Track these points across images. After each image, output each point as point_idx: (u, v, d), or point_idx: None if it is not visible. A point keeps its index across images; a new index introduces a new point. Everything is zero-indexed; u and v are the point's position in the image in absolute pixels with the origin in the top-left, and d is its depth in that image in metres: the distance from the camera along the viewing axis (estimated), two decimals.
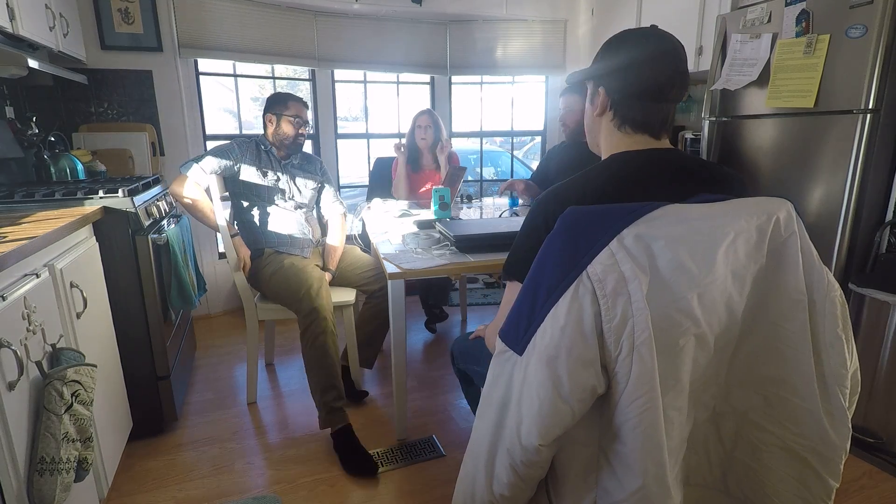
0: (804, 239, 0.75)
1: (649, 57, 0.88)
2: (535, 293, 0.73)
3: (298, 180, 2.18)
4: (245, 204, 2.10)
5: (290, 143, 2.11)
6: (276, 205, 2.11)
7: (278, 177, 2.11)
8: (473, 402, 1.56)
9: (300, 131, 2.11)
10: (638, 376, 0.67)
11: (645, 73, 0.89)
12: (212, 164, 1.97)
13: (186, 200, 1.95)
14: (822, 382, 0.75)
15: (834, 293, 0.75)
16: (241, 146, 2.07)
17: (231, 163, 2.01)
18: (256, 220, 2.10)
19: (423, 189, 2.81)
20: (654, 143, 0.93)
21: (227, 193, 2.12)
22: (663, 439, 0.69)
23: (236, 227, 2.13)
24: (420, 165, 2.83)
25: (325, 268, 2.18)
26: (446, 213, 2.27)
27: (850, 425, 0.76)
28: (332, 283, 2.16)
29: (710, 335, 0.73)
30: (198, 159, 1.97)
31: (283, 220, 2.12)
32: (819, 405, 0.75)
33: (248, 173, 2.05)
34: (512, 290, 0.94)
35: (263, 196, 2.09)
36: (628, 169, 0.90)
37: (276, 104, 2.09)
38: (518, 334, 0.75)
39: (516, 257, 0.94)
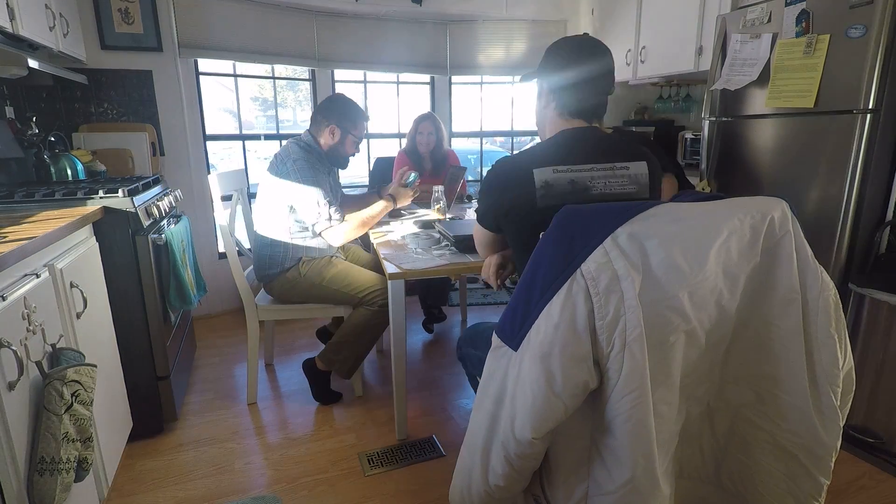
0: (799, 238, 0.76)
1: (587, 78, 1.15)
2: (530, 291, 0.74)
3: (334, 184, 2.16)
4: (299, 216, 1.98)
5: (342, 160, 2.07)
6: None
7: (330, 184, 2.05)
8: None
9: (355, 152, 2.08)
10: (629, 372, 0.68)
11: (582, 91, 1.16)
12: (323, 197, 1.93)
13: (353, 236, 2.02)
14: (814, 381, 0.76)
15: (828, 292, 0.75)
16: (315, 164, 1.95)
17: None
18: (305, 229, 2.00)
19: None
20: (585, 125, 1.18)
21: (229, 194, 2.12)
22: (653, 433, 0.70)
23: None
24: (421, 169, 2.84)
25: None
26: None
27: (841, 424, 0.77)
28: (329, 299, 2.06)
29: (701, 331, 0.73)
30: (324, 206, 1.92)
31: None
32: (809, 403, 0.76)
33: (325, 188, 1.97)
34: (481, 232, 1.31)
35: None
36: (567, 141, 1.16)
37: (346, 119, 1.98)
38: (513, 331, 0.77)
39: (479, 203, 1.26)
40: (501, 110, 3.95)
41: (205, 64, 3.00)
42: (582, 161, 1.10)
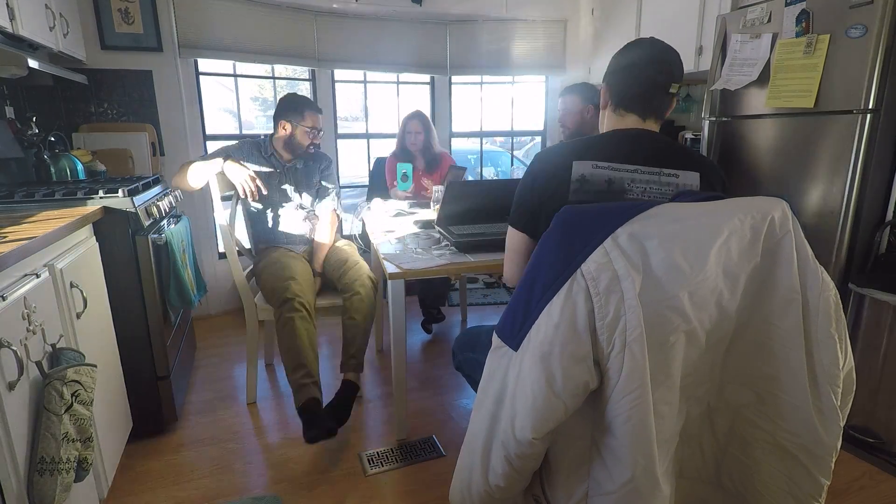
0: (799, 238, 0.76)
1: (638, 61, 1.11)
2: (531, 290, 0.75)
3: (301, 183, 2.19)
4: (251, 203, 2.13)
5: (302, 152, 2.13)
6: (279, 205, 2.15)
7: (280, 179, 2.13)
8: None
9: (314, 141, 2.10)
10: (629, 372, 0.68)
11: (630, 76, 1.11)
12: (217, 153, 2.05)
13: (180, 180, 2.01)
14: (814, 381, 0.76)
15: (828, 292, 0.75)
16: (244, 147, 2.11)
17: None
18: (260, 218, 2.15)
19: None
20: (640, 123, 1.12)
21: (229, 193, 2.13)
22: (653, 433, 0.70)
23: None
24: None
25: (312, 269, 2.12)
26: (406, 185, 2.46)
27: (841, 424, 0.77)
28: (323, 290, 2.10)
29: (701, 331, 0.74)
30: (202, 158, 2.03)
31: (284, 218, 2.16)
32: (810, 403, 0.76)
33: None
34: (509, 232, 1.17)
35: (265, 197, 2.10)
36: (613, 138, 1.12)
37: (292, 112, 2.06)
38: (513, 330, 0.77)
39: (518, 207, 1.14)
40: (501, 110, 3.96)
41: (205, 64, 3.00)
42: (625, 159, 1.03)
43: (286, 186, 2.14)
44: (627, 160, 1.04)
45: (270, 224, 2.16)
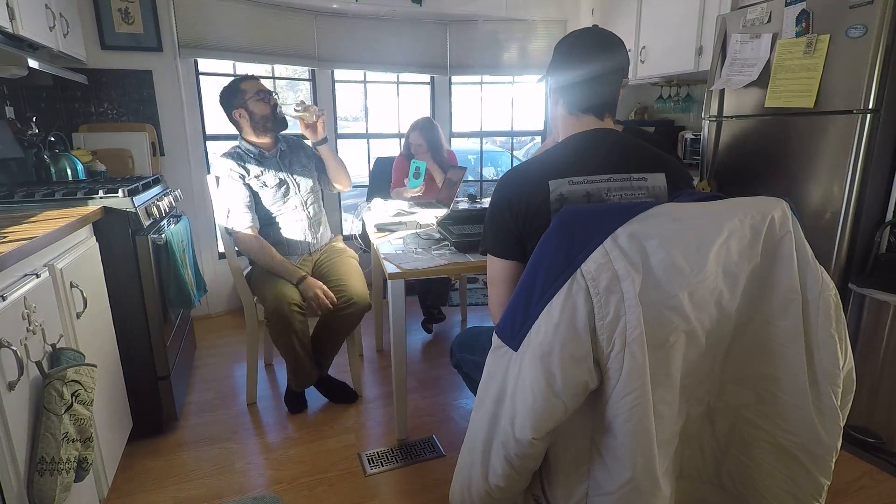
0: (799, 238, 0.76)
1: (597, 74, 1.08)
2: (531, 291, 0.75)
3: (296, 170, 2.10)
4: (262, 213, 2.06)
5: (272, 120, 2.01)
6: (282, 206, 2.06)
7: (276, 176, 2.04)
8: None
9: (272, 103, 2.00)
10: (629, 372, 0.68)
11: (589, 87, 1.09)
12: (242, 207, 1.98)
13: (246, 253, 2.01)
14: (814, 381, 0.76)
15: (828, 292, 0.75)
16: (236, 168, 2.01)
17: (247, 190, 2.00)
18: (265, 223, 2.07)
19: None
20: (598, 123, 1.10)
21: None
22: (653, 433, 0.70)
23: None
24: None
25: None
26: (417, 183, 2.44)
27: (841, 424, 0.77)
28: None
29: (701, 331, 0.74)
30: (232, 213, 1.99)
31: (287, 224, 2.08)
32: (810, 403, 0.76)
33: (254, 185, 2.01)
34: (490, 263, 1.11)
35: (268, 200, 2.03)
36: (580, 146, 1.08)
37: (234, 96, 1.98)
38: (513, 331, 0.77)
39: (485, 234, 1.12)
40: (501, 110, 3.96)
41: (205, 64, 3.00)
42: (597, 169, 1.02)
43: (283, 175, 2.05)
44: (596, 169, 1.02)
45: (276, 231, 2.08)
